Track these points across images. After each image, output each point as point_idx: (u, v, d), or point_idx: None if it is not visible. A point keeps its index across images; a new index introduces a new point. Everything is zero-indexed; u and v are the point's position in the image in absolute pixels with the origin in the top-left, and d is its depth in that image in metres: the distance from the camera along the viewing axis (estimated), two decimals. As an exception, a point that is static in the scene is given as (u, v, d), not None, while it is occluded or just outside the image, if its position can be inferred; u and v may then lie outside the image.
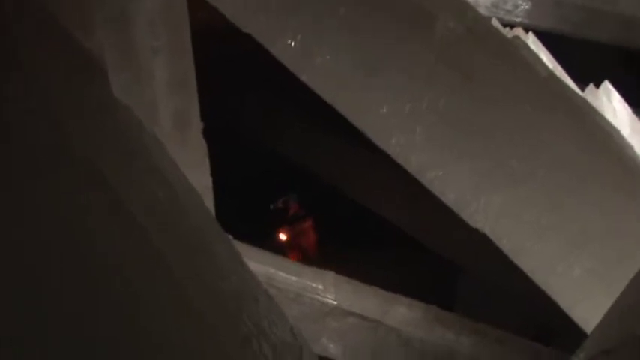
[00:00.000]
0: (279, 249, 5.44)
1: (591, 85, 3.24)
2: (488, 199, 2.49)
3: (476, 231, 2.61)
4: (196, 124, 2.61)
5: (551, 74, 2.51)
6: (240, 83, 5.62)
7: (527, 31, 3.40)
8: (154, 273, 1.17)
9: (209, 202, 2.66)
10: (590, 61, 4.56)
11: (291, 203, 5.71)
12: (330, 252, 5.53)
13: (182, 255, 1.24)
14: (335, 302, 3.33)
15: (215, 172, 2.87)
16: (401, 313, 3.36)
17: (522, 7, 4.28)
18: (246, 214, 5.46)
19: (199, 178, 2.58)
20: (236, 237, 2.82)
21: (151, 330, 1.15)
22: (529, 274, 2.60)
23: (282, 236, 5.64)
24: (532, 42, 3.13)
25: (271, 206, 5.71)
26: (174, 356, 1.14)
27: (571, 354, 1.32)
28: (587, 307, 2.45)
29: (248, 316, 1.32)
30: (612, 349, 1.15)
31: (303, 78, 2.51)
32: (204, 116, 2.74)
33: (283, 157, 5.57)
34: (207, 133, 2.69)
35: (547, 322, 4.16)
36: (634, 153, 2.55)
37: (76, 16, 2.09)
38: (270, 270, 3.31)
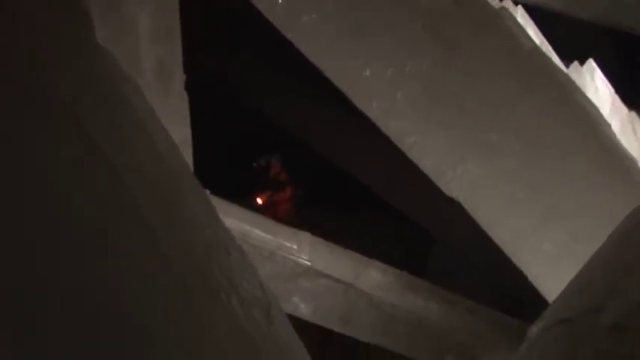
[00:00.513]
0: (256, 209, 5.44)
1: (576, 63, 3.25)
2: (464, 168, 2.52)
3: (451, 200, 2.64)
4: (179, 76, 2.61)
5: (535, 48, 2.53)
6: (229, 39, 5.59)
7: (516, 4, 3.41)
8: (127, 217, 1.18)
9: (187, 155, 2.66)
10: (578, 38, 4.57)
11: (273, 163, 5.66)
12: (307, 214, 5.55)
13: (156, 203, 1.26)
14: (308, 263, 3.36)
15: (203, 128, 2.87)
16: (373, 277, 3.39)
17: (514, -21, 4.28)
18: (229, 171, 5.47)
19: (179, 129, 2.58)
20: (216, 193, 2.84)
21: (122, 278, 1.16)
22: (500, 245, 2.64)
23: (260, 197, 5.61)
24: (520, 15, 3.13)
25: (254, 165, 5.66)
26: (141, 302, 1.16)
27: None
28: (555, 280, 2.50)
29: (219, 269, 1.34)
30: (570, 319, 1.19)
31: (289, 36, 2.51)
32: (193, 70, 2.74)
33: (270, 116, 5.55)
34: (190, 86, 2.70)
35: (519, 295, 4.22)
36: (612, 132, 2.58)
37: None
38: (245, 227, 3.32)
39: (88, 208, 1.16)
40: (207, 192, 1.84)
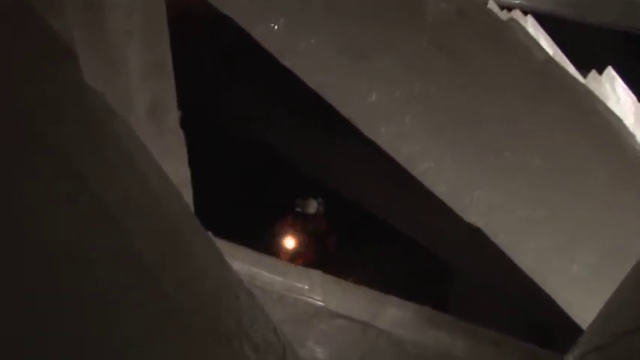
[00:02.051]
0: (293, 256, 5.43)
1: (594, 72, 3.27)
2: (481, 191, 2.52)
3: (470, 227, 2.64)
4: (173, 112, 2.63)
5: (549, 59, 2.54)
6: (229, 74, 5.64)
7: (526, 13, 3.43)
8: (126, 266, 1.19)
9: (187, 195, 2.68)
10: (593, 46, 4.59)
11: (318, 209, 5.51)
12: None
13: (157, 249, 1.26)
14: (322, 303, 3.35)
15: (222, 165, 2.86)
16: (391, 314, 3.38)
17: (521, -12, 4.31)
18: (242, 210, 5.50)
19: (177, 169, 2.60)
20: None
21: (125, 327, 1.17)
22: (526, 271, 2.63)
23: (300, 242, 5.49)
24: (531, 25, 3.15)
25: (298, 208, 5.53)
26: (146, 354, 1.16)
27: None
28: (586, 305, 2.49)
29: (228, 313, 1.34)
30: (605, 345, 1.19)
31: (287, 63, 2.53)
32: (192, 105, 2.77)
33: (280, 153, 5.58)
34: (185, 122, 2.72)
35: (546, 322, 4.20)
36: (637, 143, 2.58)
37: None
38: (253, 269, 3.33)
39: (84, 254, 1.16)
40: (210, 234, 1.85)
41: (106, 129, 1.37)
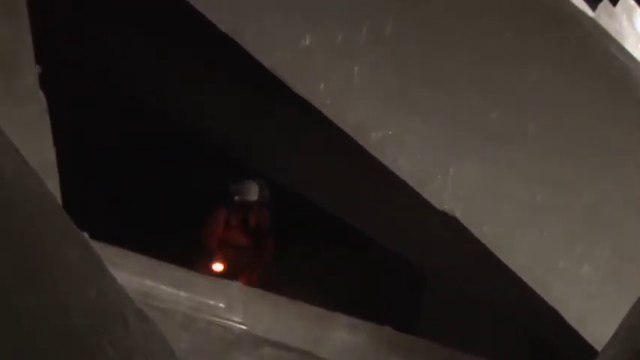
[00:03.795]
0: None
1: (606, 1, 3.31)
2: (458, 168, 2.54)
3: (445, 216, 2.65)
4: (29, 70, 2.59)
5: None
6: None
7: None
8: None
9: (52, 184, 2.64)
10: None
11: (263, 195, 5.43)
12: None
13: (9, 257, 1.24)
14: (244, 327, 3.35)
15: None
16: (339, 339, 3.39)
17: None
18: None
19: (36, 147, 2.56)
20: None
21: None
22: (520, 274, 2.66)
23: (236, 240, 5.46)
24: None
25: (236, 197, 5.46)
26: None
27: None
28: (602, 318, 2.53)
29: (113, 346, 1.33)
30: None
31: (192, 1, 2.52)
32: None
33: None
34: (45, 81, 2.68)
35: (550, 339, 4.27)
36: (663, 95, 2.62)
37: None
38: (147, 282, 3.29)
39: None
40: (86, 235, 1.83)
41: None
